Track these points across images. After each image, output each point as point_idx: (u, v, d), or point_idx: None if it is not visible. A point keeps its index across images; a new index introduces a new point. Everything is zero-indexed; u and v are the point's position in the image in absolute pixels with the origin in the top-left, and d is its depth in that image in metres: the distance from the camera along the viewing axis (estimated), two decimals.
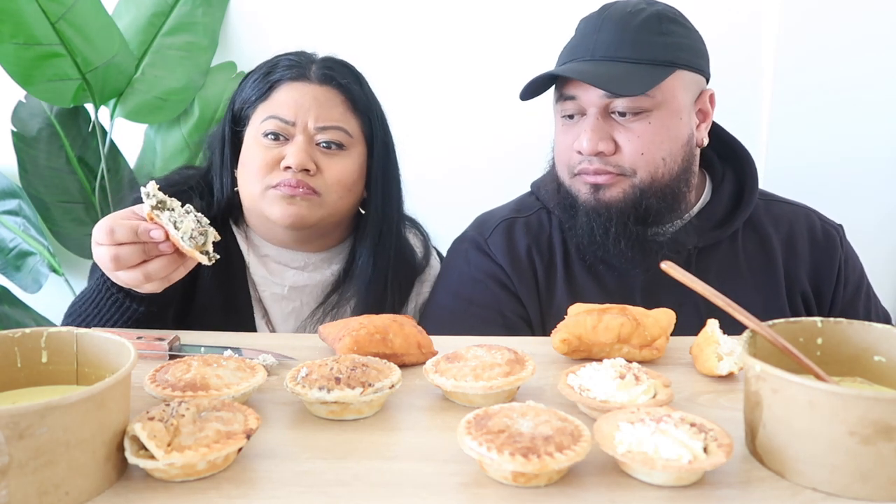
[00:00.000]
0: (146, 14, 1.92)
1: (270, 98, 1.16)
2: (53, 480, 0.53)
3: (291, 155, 1.11)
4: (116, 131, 1.95)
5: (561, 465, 0.55)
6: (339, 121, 1.16)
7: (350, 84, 1.19)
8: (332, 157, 1.15)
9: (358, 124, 1.18)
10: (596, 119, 1.09)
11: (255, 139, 1.15)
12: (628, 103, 1.07)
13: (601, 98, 1.08)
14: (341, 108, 1.17)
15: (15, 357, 0.68)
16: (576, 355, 0.86)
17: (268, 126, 1.14)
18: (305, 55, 1.21)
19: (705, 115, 1.16)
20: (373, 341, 0.84)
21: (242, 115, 1.20)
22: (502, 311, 1.16)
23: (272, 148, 1.13)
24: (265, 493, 0.57)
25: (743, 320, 0.70)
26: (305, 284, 1.23)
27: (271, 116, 1.14)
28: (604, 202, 1.11)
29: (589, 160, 1.09)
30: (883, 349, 0.70)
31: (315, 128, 1.14)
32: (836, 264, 1.19)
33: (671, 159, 1.10)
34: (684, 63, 1.09)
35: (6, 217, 1.96)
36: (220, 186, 1.22)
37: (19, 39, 1.69)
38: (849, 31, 1.82)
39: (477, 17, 1.90)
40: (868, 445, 0.55)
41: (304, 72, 1.17)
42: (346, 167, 1.16)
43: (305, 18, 1.93)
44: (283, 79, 1.17)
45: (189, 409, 0.60)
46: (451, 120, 1.94)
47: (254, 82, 1.20)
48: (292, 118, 1.13)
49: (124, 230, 0.90)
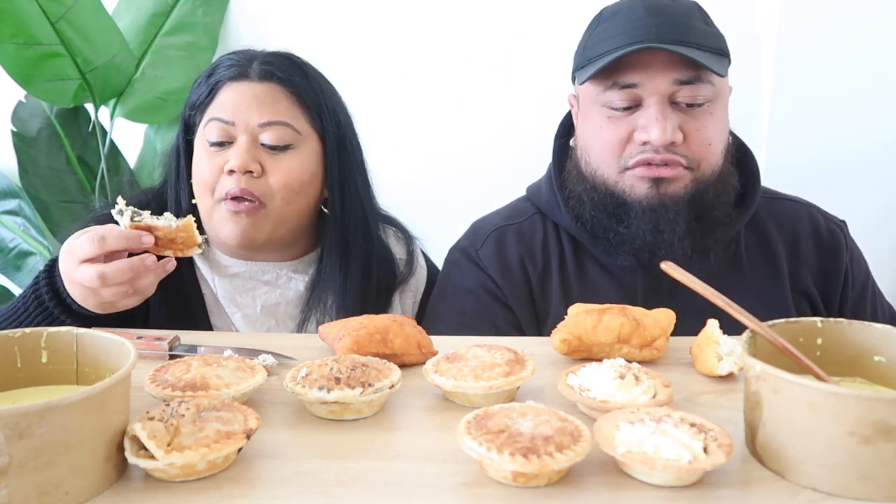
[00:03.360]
0: (146, 14, 1.92)
1: (213, 101, 1.11)
2: (53, 480, 0.53)
3: (233, 157, 1.05)
4: (116, 131, 1.95)
5: (561, 465, 0.55)
6: (284, 116, 1.09)
7: (293, 77, 1.11)
8: (277, 158, 1.08)
9: (307, 120, 1.11)
10: (665, 106, 1.03)
11: (202, 147, 1.10)
12: (694, 92, 1.03)
13: (669, 84, 1.03)
14: (285, 103, 1.10)
15: (15, 357, 0.68)
16: (576, 355, 0.86)
17: (210, 130, 1.08)
18: (248, 53, 1.14)
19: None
20: (373, 341, 0.84)
21: (191, 122, 1.15)
22: (495, 322, 1.15)
23: (216, 154, 1.07)
24: (265, 493, 0.57)
25: (743, 320, 0.70)
26: (278, 302, 1.15)
27: (212, 119, 1.09)
28: (668, 196, 1.05)
29: (655, 150, 1.03)
30: (883, 349, 0.70)
31: (258, 125, 1.07)
32: (842, 265, 1.17)
33: (726, 151, 1.09)
34: (728, 54, 1.09)
35: (6, 217, 1.96)
36: (175, 200, 1.15)
37: (19, 39, 1.69)
38: (849, 25, 1.82)
39: (479, 17, 1.90)
40: (868, 445, 0.55)
41: (245, 70, 1.10)
42: (294, 167, 1.08)
43: (305, 18, 1.93)
44: (224, 79, 1.10)
45: (189, 409, 0.60)
46: (453, 120, 1.94)
47: (198, 86, 1.14)
48: (232, 118, 1.07)
49: (115, 236, 0.89)
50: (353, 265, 1.14)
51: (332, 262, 1.14)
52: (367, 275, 1.15)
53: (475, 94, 1.91)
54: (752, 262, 1.16)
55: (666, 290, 1.05)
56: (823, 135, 1.85)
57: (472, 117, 1.92)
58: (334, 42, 1.92)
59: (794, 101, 1.86)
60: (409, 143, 1.95)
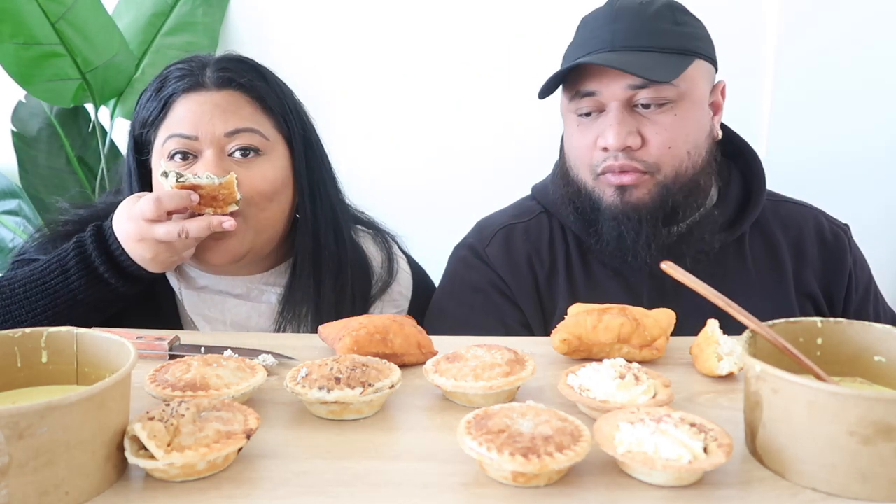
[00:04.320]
0: (146, 14, 1.92)
1: (168, 116, 1.03)
2: (53, 480, 0.53)
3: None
4: (116, 131, 1.95)
5: (561, 465, 0.55)
6: (250, 122, 1.03)
7: (253, 82, 1.05)
8: (247, 166, 1.03)
9: (272, 124, 1.06)
10: (620, 112, 1.05)
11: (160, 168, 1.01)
12: (653, 94, 1.04)
13: (624, 90, 1.04)
14: (248, 108, 1.04)
15: (15, 357, 0.68)
16: (576, 355, 0.86)
17: (170, 147, 1.02)
18: (198, 59, 1.07)
19: (717, 107, 1.15)
20: (373, 341, 0.84)
21: (143, 140, 1.07)
22: (504, 320, 1.15)
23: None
24: (265, 493, 0.57)
25: (743, 320, 0.70)
26: (248, 316, 1.11)
27: (171, 136, 1.02)
28: (631, 204, 1.07)
29: (615, 156, 1.05)
30: (883, 349, 0.70)
31: (224, 135, 1.01)
32: (846, 268, 1.18)
33: (695, 152, 1.09)
34: (701, 52, 1.08)
35: (6, 217, 1.96)
36: None
37: (19, 39, 1.69)
38: (850, 25, 1.82)
39: (479, 17, 1.90)
40: (868, 445, 0.55)
41: (199, 79, 1.03)
42: (266, 173, 1.04)
43: (305, 18, 1.93)
44: (177, 92, 1.03)
45: (189, 409, 0.60)
46: (453, 121, 1.94)
47: (147, 101, 1.06)
48: (194, 132, 1.01)
49: (170, 196, 0.93)
50: (325, 271, 1.10)
51: (305, 271, 1.09)
52: (341, 280, 1.11)
53: (475, 94, 1.91)
54: (757, 262, 1.16)
55: (671, 290, 1.05)
56: (823, 135, 1.85)
57: (472, 117, 1.93)
58: (334, 42, 1.92)
59: (794, 100, 1.86)
60: (409, 144, 1.95)
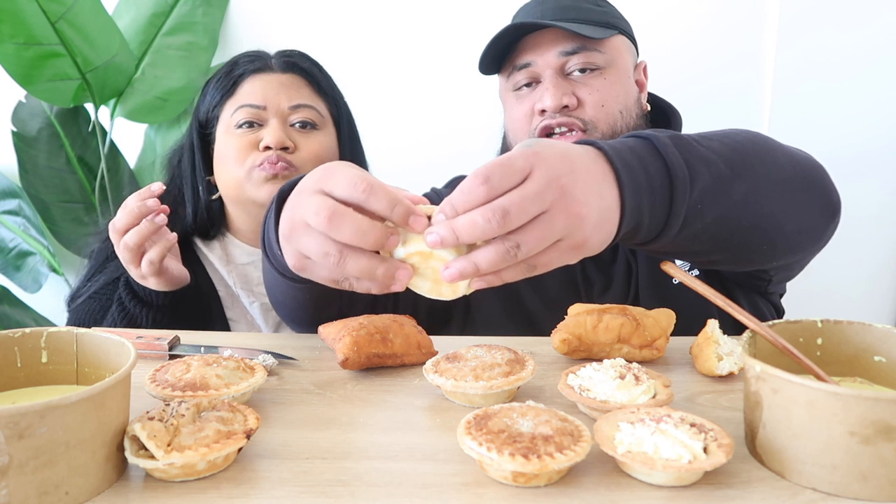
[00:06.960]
0: (146, 14, 1.92)
1: (237, 92, 1.19)
2: (53, 480, 0.53)
3: (268, 135, 1.13)
4: (116, 131, 1.95)
5: (561, 465, 0.55)
6: (309, 100, 1.20)
7: (311, 69, 1.23)
8: (307, 136, 1.18)
9: (325, 106, 1.22)
10: (555, 77, 1.14)
11: (228, 133, 1.17)
12: (584, 59, 1.13)
13: (557, 57, 1.14)
14: (307, 90, 1.21)
15: (15, 357, 0.68)
16: (576, 355, 0.86)
17: (239, 116, 1.17)
18: (264, 52, 1.25)
19: (642, 85, 1.23)
20: (373, 341, 0.84)
21: (209, 117, 1.23)
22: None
23: (247, 135, 1.16)
24: (265, 493, 0.57)
25: (743, 320, 0.70)
26: None
27: (242, 106, 1.17)
28: None
29: (552, 116, 1.13)
30: (883, 349, 0.70)
31: (288, 108, 1.18)
32: None
33: (627, 114, 1.16)
34: (623, 29, 1.19)
35: (6, 217, 1.96)
36: (191, 196, 1.22)
37: (19, 39, 1.69)
38: (850, 24, 1.82)
39: (479, 17, 1.90)
40: (868, 445, 0.55)
41: (266, 63, 1.21)
42: (323, 144, 1.19)
43: (305, 18, 1.93)
44: (247, 72, 1.20)
45: (189, 409, 0.60)
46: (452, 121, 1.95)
47: (217, 82, 1.22)
48: (263, 103, 1.17)
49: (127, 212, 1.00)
50: None
51: None
52: None
53: (475, 94, 1.91)
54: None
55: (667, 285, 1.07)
56: (824, 135, 1.86)
57: (472, 117, 1.92)
58: (334, 42, 1.92)
59: (794, 98, 1.86)
60: (409, 144, 1.95)
